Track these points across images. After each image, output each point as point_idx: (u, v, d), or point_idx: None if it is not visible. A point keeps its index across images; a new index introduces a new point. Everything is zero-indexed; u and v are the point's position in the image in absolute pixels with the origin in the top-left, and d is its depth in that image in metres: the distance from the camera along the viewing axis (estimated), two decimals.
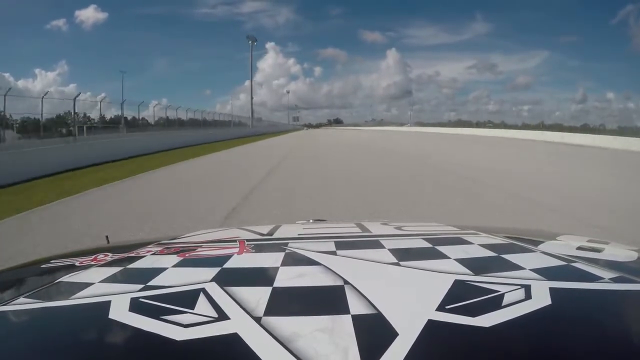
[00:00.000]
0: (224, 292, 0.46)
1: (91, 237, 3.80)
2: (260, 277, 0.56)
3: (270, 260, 0.62)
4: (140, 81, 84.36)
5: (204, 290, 0.47)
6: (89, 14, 63.61)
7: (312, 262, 0.58)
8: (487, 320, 0.39)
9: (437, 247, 0.66)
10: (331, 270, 0.53)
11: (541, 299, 0.44)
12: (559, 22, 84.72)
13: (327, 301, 0.45)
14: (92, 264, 0.68)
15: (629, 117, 52.93)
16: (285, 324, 0.38)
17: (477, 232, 0.84)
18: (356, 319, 0.39)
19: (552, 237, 0.85)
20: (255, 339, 0.36)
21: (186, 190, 7.06)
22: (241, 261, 0.63)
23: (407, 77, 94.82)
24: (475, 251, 0.66)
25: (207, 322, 0.40)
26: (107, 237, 1.08)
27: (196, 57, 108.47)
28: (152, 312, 0.42)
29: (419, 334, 0.36)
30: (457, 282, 0.48)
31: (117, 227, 4.30)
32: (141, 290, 0.49)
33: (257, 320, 0.39)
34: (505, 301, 0.43)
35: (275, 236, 0.85)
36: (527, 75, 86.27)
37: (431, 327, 0.37)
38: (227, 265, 0.59)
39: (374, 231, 0.86)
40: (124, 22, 78.56)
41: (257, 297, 0.45)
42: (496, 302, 0.43)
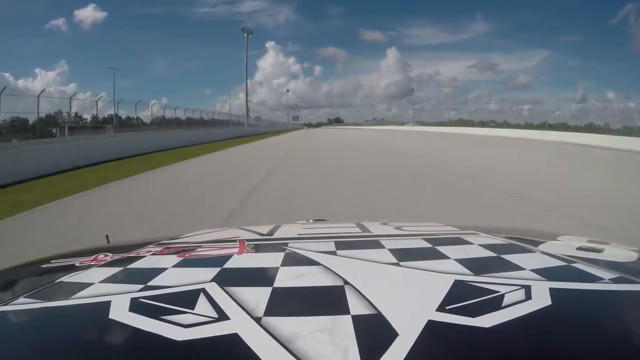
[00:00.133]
0: (224, 292, 0.46)
1: None
2: (260, 277, 0.56)
3: (270, 260, 0.62)
4: (140, 81, 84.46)
5: (204, 290, 0.47)
6: (89, 14, 63.63)
7: (312, 262, 0.58)
8: (487, 320, 0.39)
9: (437, 248, 0.66)
10: (331, 270, 0.53)
11: (541, 299, 0.44)
12: (559, 21, 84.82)
13: (327, 301, 0.45)
14: (92, 264, 0.68)
15: (630, 117, 52.94)
16: (285, 324, 0.38)
17: (477, 232, 0.84)
18: (356, 319, 0.39)
19: (552, 237, 0.85)
20: (255, 339, 0.36)
21: (149, 221, 4.64)
22: (241, 261, 0.63)
23: (407, 77, 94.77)
24: (475, 251, 0.66)
25: (207, 323, 0.40)
26: (107, 237, 1.08)
27: (196, 56, 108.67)
28: (152, 312, 0.42)
29: (419, 334, 0.36)
30: (457, 282, 0.48)
31: None
32: (141, 290, 0.49)
33: (257, 320, 0.39)
34: (505, 301, 0.43)
35: (275, 236, 0.85)
36: (527, 74, 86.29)
37: (431, 328, 0.37)
38: (227, 265, 0.59)
39: (374, 231, 0.86)
40: (123, 22, 78.61)
41: (257, 297, 0.45)
42: (496, 303, 0.43)
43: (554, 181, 7.34)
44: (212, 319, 0.40)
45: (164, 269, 0.58)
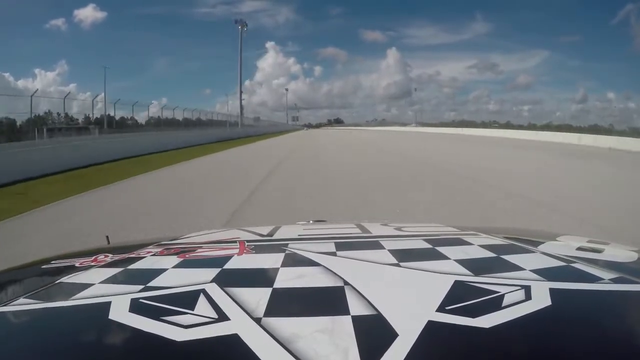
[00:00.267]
0: (224, 293, 0.46)
1: None
2: (260, 278, 0.56)
3: (270, 261, 0.62)
4: (139, 81, 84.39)
5: (204, 291, 0.47)
6: (88, 14, 63.60)
7: (312, 263, 0.58)
8: (487, 321, 0.39)
9: (437, 248, 0.66)
10: (331, 271, 0.53)
11: (541, 299, 0.44)
12: (559, 22, 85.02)
13: (327, 302, 0.45)
14: (93, 264, 0.68)
15: (630, 117, 52.85)
16: (285, 325, 0.38)
17: (477, 232, 0.84)
18: (356, 319, 0.39)
19: (552, 237, 0.85)
20: (255, 339, 0.36)
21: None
22: (241, 262, 0.63)
23: (407, 77, 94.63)
24: (475, 252, 0.66)
25: (207, 323, 0.40)
26: (107, 237, 1.08)
27: (196, 56, 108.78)
28: (152, 313, 0.42)
29: (419, 334, 0.36)
30: (457, 282, 0.48)
31: None
32: (141, 291, 0.49)
33: (257, 321, 0.39)
34: (505, 302, 0.43)
35: (275, 237, 0.85)
36: (527, 74, 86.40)
37: (431, 328, 0.37)
38: (227, 266, 0.59)
39: (374, 232, 0.86)
40: (123, 22, 78.68)
41: (257, 298, 0.45)
42: (496, 303, 0.43)
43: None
44: (212, 320, 0.40)
45: (164, 270, 0.58)
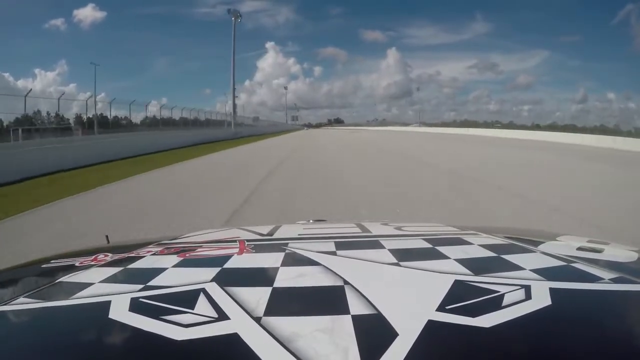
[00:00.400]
0: (224, 292, 0.46)
1: None
2: (260, 277, 0.56)
3: (270, 260, 0.62)
4: (139, 81, 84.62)
5: (204, 290, 0.47)
6: (88, 13, 63.51)
7: (312, 263, 0.58)
8: (487, 320, 0.39)
9: (437, 248, 0.66)
10: (331, 270, 0.53)
11: (541, 299, 0.44)
12: (559, 22, 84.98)
13: (327, 301, 0.45)
14: (92, 264, 0.68)
15: (630, 117, 52.74)
16: (285, 324, 0.38)
17: (477, 232, 0.84)
18: (356, 319, 0.39)
19: (552, 237, 0.85)
20: (255, 339, 0.36)
21: None
22: (241, 261, 0.63)
23: (407, 77, 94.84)
24: (475, 251, 0.66)
25: (207, 322, 0.40)
26: (107, 237, 1.08)
27: (195, 56, 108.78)
28: (152, 312, 0.42)
29: (419, 334, 0.36)
30: (457, 282, 0.48)
31: None
32: (141, 290, 0.49)
33: (257, 320, 0.39)
34: (505, 301, 0.43)
35: (275, 236, 0.85)
36: (527, 74, 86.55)
37: (431, 328, 0.37)
38: (227, 265, 0.59)
39: (374, 231, 0.86)
40: (123, 22, 78.71)
41: (257, 297, 0.45)
42: (496, 303, 0.43)
43: None
44: (212, 319, 0.40)
45: (164, 269, 0.58)
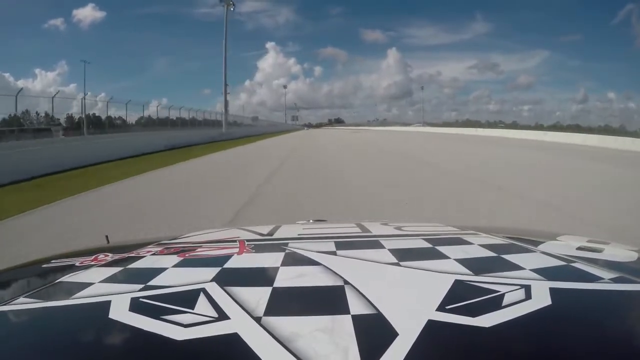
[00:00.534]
0: (224, 292, 0.46)
1: None
2: (260, 277, 0.56)
3: (270, 260, 0.62)
4: (139, 81, 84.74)
5: (204, 290, 0.47)
6: (87, 13, 63.48)
7: (312, 262, 0.58)
8: (487, 320, 0.39)
9: (437, 247, 0.66)
10: (331, 270, 0.53)
11: (541, 299, 0.44)
12: (559, 21, 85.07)
13: (327, 301, 0.45)
14: (93, 264, 0.68)
15: (630, 117, 52.65)
16: (285, 324, 0.38)
17: (477, 232, 0.84)
18: (356, 319, 0.39)
19: (552, 237, 0.85)
20: (255, 339, 0.36)
21: None
22: (241, 261, 0.63)
23: (407, 77, 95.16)
24: (475, 251, 0.66)
25: (207, 322, 0.40)
26: (107, 237, 1.08)
27: (195, 56, 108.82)
28: (152, 312, 0.42)
29: (419, 334, 0.36)
30: (457, 282, 0.48)
31: None
32: (141, 290, 0.49)
33: (257, 320, 0.39)
34: (505, 301, 0.43)
35: (275, 236, 0.85)
36: (527, 74, 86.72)
37: (431, 327, 0.37)
38: (227, 265, 0.59)
39: (374, 231, 0.86)
40: (123, 22, 78.71)
41: (257, 297, 0.45)
42: (496, 302, 0.43)
43: None
44: (212, 319, 0.40)
45: (164, 269, 0.58)
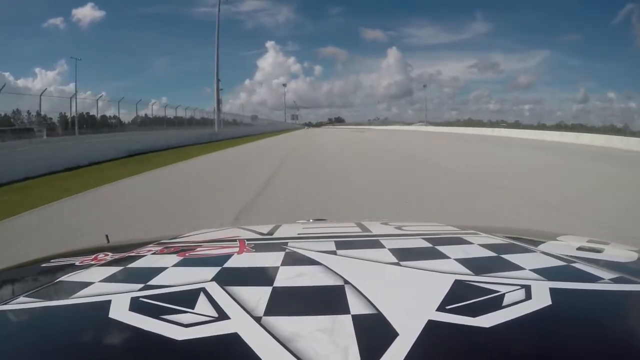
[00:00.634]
0: (224, 291, 0.46)
1: None
2: (260, 276, 0.56)
3: (270, 259, 0.62)
4: (140, 81, 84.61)
5: (204, 289, 0.47)
6: (87, 12, 63.25)
7: (312, 262, 0.58)
8: (487, 320, 0.39)
9: (437, 247, 0.66)
10: (331, 270, 0.53)
11: (541, 299, 0.44)
12: (559, 21, 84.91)
13: (327, 301, 0.45)
14: (93, 263, 0.68)
15: (630, 117, 52.61)
16: (285, 324, 0.38)
17: (477, 232, 0.84)
18: (356, 319, 0.39)
19: (552, 237, 0.85)
20: (255, 338, 0.36)
21: None
22: (241, 261, 0.63)
23: (407, 76, 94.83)
24: (475, 251, 0.66)
25: (207, 322, 0.40)
26: (107, 236, 1.08)
27: (196, 56, 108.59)
28: (152, 312, 0.42)
29: (419, 334, 0.36)
30: (457, 282, 0.48)
31: None
32: (141, 289, 0.49)
33: (257, 320, 0.39)
34: (505, 301, 0.43)
35: (275, 236, 0.85)
36: (528, 74, 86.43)
37: (431, 327, 0.37)
38: (227, 264, 0.59)
39: (374, 231, 0.86)
40: (123, 22, 78.71)
41: (257, 296, 0.45)
42: (496, 303, 0.43)
43: None
44: (212, 319, 0.40)
45: (164, 269, 0.58)
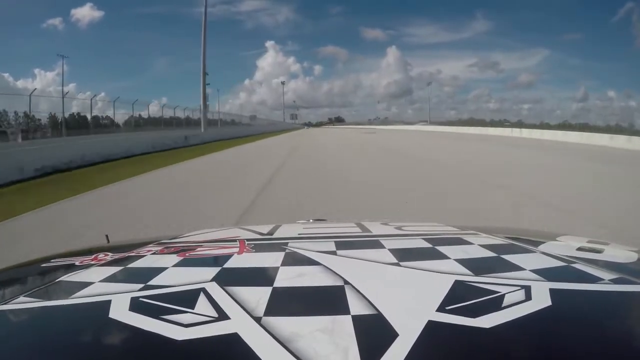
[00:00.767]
0: (224, 291, 0.46)
1: None
2: (260, 277, 0.56)
3: (270, 260, 0.62)
4: (139, 81, 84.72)
5: (204, 290, 0.47)
6: (86, 12, 63.17)
7: (312, 262, 0.58)
8: (487, 321, 0.39)
9: (437, 248, 0.66)
10: (331, 270, 0.53)
11: (541, 299, 0.44)
12: (560, 20, 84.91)
13: (327, 301, 0.45)
14: (93, 263, 0.68)
15: (630, 116, 52.60)
16: (285, 324, 0.38)
17: (477, 232, 0.84)
18: (356, 319, 0.39)
19: (552, 237, 0.85)
20: (255, 339, 0.36)
21: None
22: (241, 261, 0.63)
23: (407, 76, 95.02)
24: (475, 251, 0.66)
25: (207, 322, 0.40)
26: (107, 236, 1.08)
27: (196, 56, 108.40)
28: (152, 312, 0.42)
29: (419, 334, 0.36)
30: (457, 282, 0.48)
31: None
32: (141, 289, 0.49)
33: (257, 320, 0.39)
34: (505, 302, 0.43)
35: (275, 236, 0.85)
36: (528, 73, 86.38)
37: (431, 328, 0.37)
38: (227, 265, 0.59)
39: (374, 231, 0.86)
40: (123, 21, 78.73)
41: (257, 297, 0.45)
42: (496, 303, 0.43)
43: None
44: (212, 319, 0.40)
45: (164, 269, 0.58)
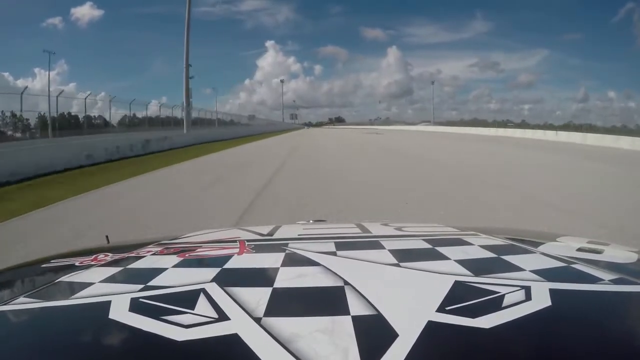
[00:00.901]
0: (224, 292, 0.46)
1: None
2: (260, 277, 0.56)
3: (270, 260, 0.62)
4: (139, 80, 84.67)
5: (204, 290, 0.47)
6: (85, 12, 63.01)
7: (312, 263, 0.58)
8: (487, 321, 0.39)
9: (437, 248, 0.66)
10: (331, 271, 0.53)
11: (541, 300, 0.44)
12: (560, 20, 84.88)
13: (327, 302, 0.45)
14: (93, 263, 0.68)
15: (630, 116, 52.59)
16: (285, 325, 0.38)
17: (477, 233, 0.84)
18: (356, 319, 0.39)
19: (552, 238, 0.85)
20: (255, 339, 0.36)
21: None
22: (241, 261, 0.63)
23: (408, 76, 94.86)
24: (475, 252, 0.66)
25: (207, 323, 0.40)
26: (107, 237, 1.08)
27: (196, 56, 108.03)
28: (152, 313, 0.42)
29: (419, 335, 0.36)
30: (457, 283, 0.48)
31: None
32: (141, 290, 0.49)
33: (257, 320, 0.39)
34: (505, 302, 0.43)
35: (275, 237, 0.85)
36: (528, 73, 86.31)
37: (431, 328, 0.37)
38: (227, 265, 0.59)
39: (374, 232, 0.86)
40: (123, 21, 78.78)
41: (257, 297, 0.45)
42: (496, 303, 0.43)
43: None
44: (212, 319, 0.40)
45: (164, 269, 0.58)
